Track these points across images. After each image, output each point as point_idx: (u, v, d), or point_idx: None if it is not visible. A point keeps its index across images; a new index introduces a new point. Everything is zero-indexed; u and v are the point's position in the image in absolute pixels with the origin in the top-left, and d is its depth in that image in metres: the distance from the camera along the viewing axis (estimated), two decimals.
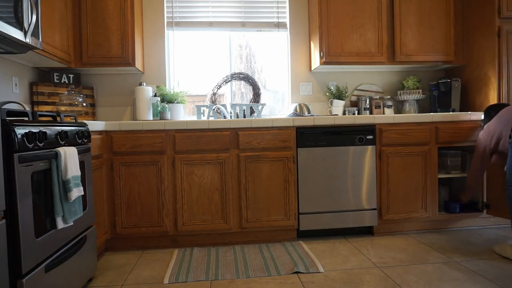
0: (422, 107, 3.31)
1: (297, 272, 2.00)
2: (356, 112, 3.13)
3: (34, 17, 1.81)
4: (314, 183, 2.52)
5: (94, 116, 2.99)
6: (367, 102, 3.12)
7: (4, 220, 1.25)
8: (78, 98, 2.57)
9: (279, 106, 3.39)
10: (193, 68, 3.26)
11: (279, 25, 3.22)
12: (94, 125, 2.16)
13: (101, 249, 2.36)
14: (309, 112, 2.92)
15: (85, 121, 2.00)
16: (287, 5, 3.21)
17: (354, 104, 3.25)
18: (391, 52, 2.97)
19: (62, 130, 1.63)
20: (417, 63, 3.05)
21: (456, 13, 3.00)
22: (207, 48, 3.28)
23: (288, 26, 3.22)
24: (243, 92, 3.32)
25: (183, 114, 2.98)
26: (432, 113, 2.63)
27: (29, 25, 1.80)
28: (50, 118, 1.94)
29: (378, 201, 2.58)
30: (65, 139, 1.65)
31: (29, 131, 1.37)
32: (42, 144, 1.45)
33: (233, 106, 2.96)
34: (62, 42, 2.44)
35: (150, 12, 3.07)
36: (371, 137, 2.55)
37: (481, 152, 2.31)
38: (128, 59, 2.71)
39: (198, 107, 2.92)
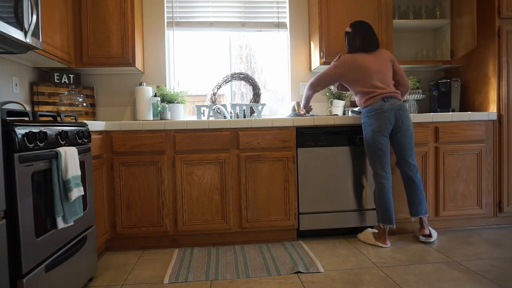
0: (422, 107, 3.31)
1: (297, 272, 2.00)
2: None
3: (34, 17, 1.81)
4: (314, 183, 2.52)
5: (94, 116, 2.99)
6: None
7: (4, 220, 1.25)
8: (78, 98, 2.57)
9: (279, 106, 3.39)
10: (193, 68, 3.27)
11: (279, 25, 3.23)
12: (94, 125, 2.16)
13: (101, 249, 2.37)
14: None
15: (85, 121, 2.00)
16: (287, 5, 3.21)
17: (354, 104, 3.25)
18: (391, 52, 2.97)
19: (62, 130, 1.63)
20: (417, 63, 3.05)
21: None
22: (207, 48, 3.28)
23: (288, 26, 3.22)
24: (243, 92, 3.33)
25: (183, 114, 2.98)
26: (432, 113, 2.63)
27: (29, 25, 1.80)
28: (50, 118, 1.94)
29: None
30: (66, 139, 1.65)
31: (30, 131, 1.37)
32: (42, 144, 1.45)
33: (233, 106, 2.97)
34: (62, 42, 2.44)
35: (150, 12, 3.07)
36: None
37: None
38: (128, 59, 2.71)
39: (198, 107, 2.92)
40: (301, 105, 2.71)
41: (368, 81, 2.37)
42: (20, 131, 1.32)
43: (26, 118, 1.50)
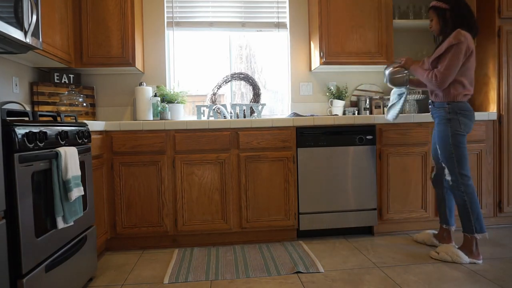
0: (422, 107, 3.31)
1: (297, 272, 2.00)
2: (356, 112, 3.13)
3: (34, 17, 1.81)
4: (314, 183, 2.52)
5: (94, 116, 2.99)
6: (367, 102, 3.12)
7: (4, 220, 1.25)
8: (78, 98, 2.57)
9: (279, 106, 3.39)
10: (193, 68, 3.27)
11: (279, 25, 3.22)
12: (94, 125, 2.16)
13: (101, 249, 2.37)
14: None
15: (85, 121, 2.00)
16: (287, 5, 3.21)
17: (354, 104, 3.25)
18: (391, 52, 2.97)
19: (62, 130, 1.63)
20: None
21: None
22: (207, 48, 3.28)
23: (288, 26, 3.22)
24: (243, 92, 3.32)
25: (183, 114, 2.98)
26: None
27: (29, 25, 1.80)
28: (50, 118, 1.95)
29: (378, 201, 2.58)
30: (66, 139, 1.65)
31: (30, 131, 1.37)
32: (42, 144, 1.45)
33: (233, 106, 2.97)
34: (62, 42, 2.44)
35: (150, 12, 3.07)
36: (371, 137, 2.55)
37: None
38: (128, 59, 2.71)
39: (198, 107, 2.92)
40: (420, 76, 2.15)
41: (471, 74, 2.08)
42: (20, 131, 1.32)
43: (26, 118, 1.50)
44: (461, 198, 2.07)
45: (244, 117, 2.96)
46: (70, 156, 1.58)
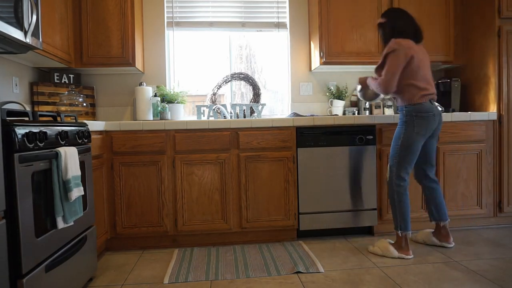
0: None
1: (297, 272, 2.00)
2: (356, 112, 3.13)
3: (34, 17, 1.81)
4: (314, 183, 2.52)
5: (94, 116, 2.99)
6: (367, 102, 3.12)
7: (4, 220, 1.25)
8: (78, 98, 2.57)
9: (279, 106, 3.39)
10: (193, 68, 3.27)
11: (279, 25, 3.22)
12: (94, 125, 2.16)
13: (101, 249, 2.37)
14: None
15: (85, 121, 2.00)
16: (287, 5, 3.21)
17: (354, 104, 3.25)
18: None
19: (62, 130, 1.63)
20: None
21: (456, 13, 3.01)
22: (207, 48, 3.28)
23: (288, 26, 3.22)
24: (243, 92, 3.33)
25: (183, 114, 2.98)
26: None
27: (29, 25, 1.80)
28: (50, 118, 1.95)
29: (378, 201, 2.58)
30: (66, 139, 1.65)
31: (30, 131, 1.37)
32: (42, 144, 1.45)
33: (233, 106, 2.97)
34: (62, 42, 2.44)
35: (150, 12, 3.07)
36: (371, 137, 2.55)
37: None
38: (128, 59, 2.71)
39: (198, 107, 2.92)
40: (372, 86, 2.25)
41: (423, 75, 2.13)
42: (20, 131, 1.32)
43: (26, 118, 1.50)
44: (392, 195, 2.22)
45: (244, 117, 2.96)
46: (70, 156, 1.58)
